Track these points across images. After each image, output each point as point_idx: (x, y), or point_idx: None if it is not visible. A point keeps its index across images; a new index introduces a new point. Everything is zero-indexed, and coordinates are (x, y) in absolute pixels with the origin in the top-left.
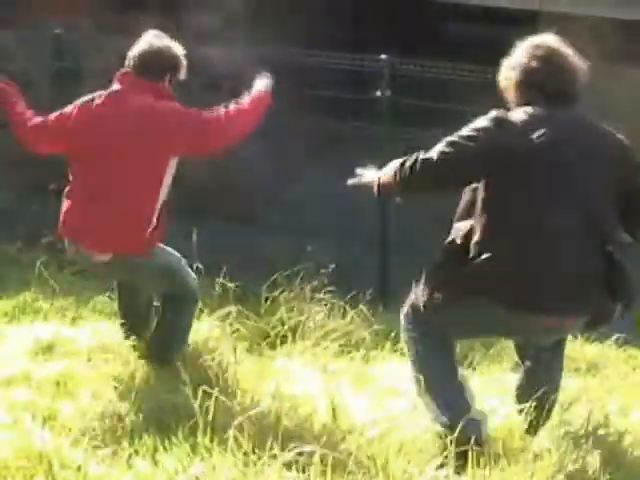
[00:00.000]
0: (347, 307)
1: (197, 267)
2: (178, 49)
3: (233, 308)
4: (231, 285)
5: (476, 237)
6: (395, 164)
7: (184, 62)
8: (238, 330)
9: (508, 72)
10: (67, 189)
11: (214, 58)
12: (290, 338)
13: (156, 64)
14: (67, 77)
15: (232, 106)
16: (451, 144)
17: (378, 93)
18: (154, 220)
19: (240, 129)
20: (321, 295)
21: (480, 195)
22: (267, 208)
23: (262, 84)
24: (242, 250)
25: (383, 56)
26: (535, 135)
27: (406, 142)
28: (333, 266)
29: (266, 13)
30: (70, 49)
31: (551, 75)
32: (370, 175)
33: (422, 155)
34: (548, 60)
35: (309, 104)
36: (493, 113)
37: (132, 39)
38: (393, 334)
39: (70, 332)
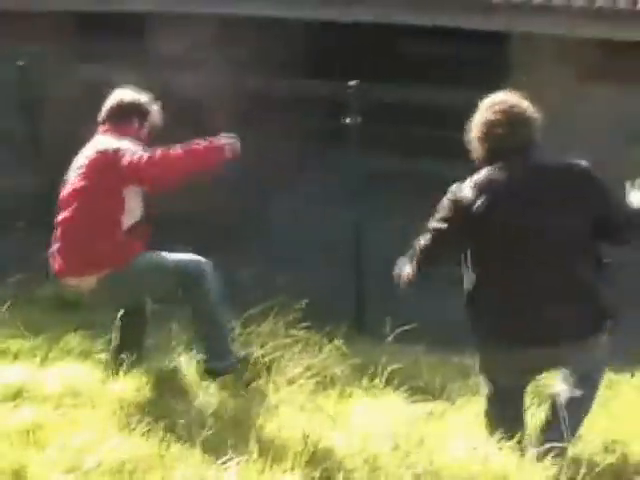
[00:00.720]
0: (323, 341)
1: None
2: (143, 98)
3: None
4: None
5: (467, 287)
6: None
7: (151, 109)
8: None
9: (472, 129)
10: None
11: (180, 85)
12: (265, 376)
13: (120, 109)
14: (32, 107)
15: (174, 148)
16: (430, 232)
17: (347, 120)
18: (122, 237)
19: (173, 172)
20: (296, 331)
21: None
22: (238, 237)
23: (224, 140)
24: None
25: (352, 82)
26: (479, 202)
27: (376, 169)
28: (306, 300)
29: (233, 40)
30: (35, 79)
31: (508, 128)
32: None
33: (418, 246)
34: (505, 114)
35: (277, 132)
36: (449, 193)
37: (100, 66)
38: (371, 369)
39: (39, 375)
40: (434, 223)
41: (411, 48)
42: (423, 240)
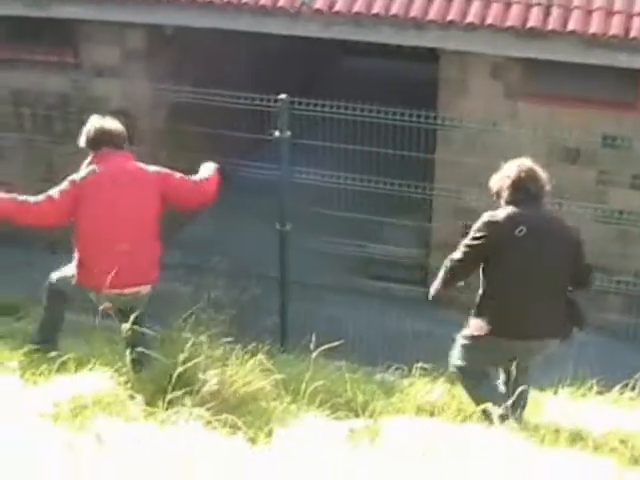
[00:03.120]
0: (246, 355)
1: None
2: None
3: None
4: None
5: (483, 298)
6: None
7: None
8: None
9: (502, 179)
10: (85, 252)
11: (111, 93)
12: (188, 391)
13: (121, 137)
14: None
15: (198, 177)
16: (463, 253)
17: (277, 133)
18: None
19: (213, 192)
20: (219, 344)
21: (482, 271)
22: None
23: (209, 169)
24: None
25: (282, 95)
26: (516, 231)
27: (303, 183)
28: (231, 313)
29: (164, 51)
30: None
31: (531, 183)
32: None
33: (449, 262)
34: (529, 173)
35: (205, 144)
36: (485, 218)
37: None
38: (294, 385)
39: None
40: (467, 248)
41: (345, 64)
42: (455, 260)
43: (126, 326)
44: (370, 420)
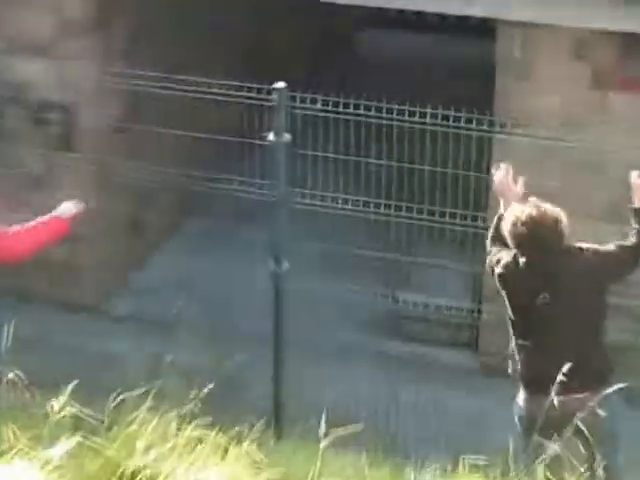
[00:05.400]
0: (230, 444)
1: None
2: None
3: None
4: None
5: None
6: None
7: None
8: None
9: (507, 230)
10: None
11: (41, 79)
12: None
13: None
14: None
15: (28, 225)
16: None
17: (271, 137)
18: None
19: (23, 249)
20: (192, 427)
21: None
22: (113, 295)
23: (66, 210)
24: (79, 351)
25: (279, 84)
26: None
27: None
28: (207, 384)
29: (117, 22)
30: None
31: (534, 246)
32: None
33: None
34: (527, 236)
35: (172, 150)
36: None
37: None
38: None
39: None
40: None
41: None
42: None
43: None
44: None
